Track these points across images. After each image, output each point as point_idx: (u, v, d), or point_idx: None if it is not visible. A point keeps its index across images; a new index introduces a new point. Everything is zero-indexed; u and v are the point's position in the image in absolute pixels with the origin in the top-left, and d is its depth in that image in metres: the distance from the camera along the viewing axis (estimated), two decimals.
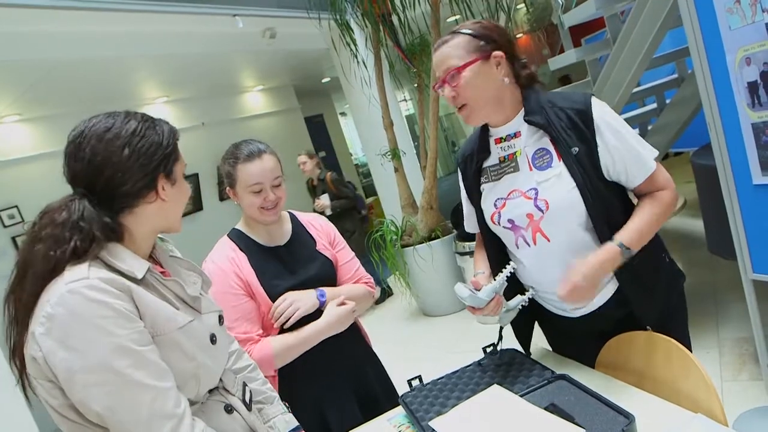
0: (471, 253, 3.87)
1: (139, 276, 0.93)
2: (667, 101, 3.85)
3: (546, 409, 1.13)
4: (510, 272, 1.29)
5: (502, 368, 1.41)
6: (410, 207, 4.47)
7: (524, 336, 1.51)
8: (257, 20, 4.28)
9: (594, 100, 1.25)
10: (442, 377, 1.44)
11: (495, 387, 1.27)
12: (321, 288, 1.53)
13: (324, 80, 8.00)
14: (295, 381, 1.50)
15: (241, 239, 1.55)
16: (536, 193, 1.26)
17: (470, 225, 1.52)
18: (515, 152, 1.31)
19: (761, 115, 1.68)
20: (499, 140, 1.35)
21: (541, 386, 1.24)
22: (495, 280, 1.29)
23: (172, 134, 1.01)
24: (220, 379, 1.09)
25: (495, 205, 1.35)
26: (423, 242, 4.26)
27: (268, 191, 1.49)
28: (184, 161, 1.06)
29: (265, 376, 1.34)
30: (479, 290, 1.27)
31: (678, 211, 3.19)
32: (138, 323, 0.89)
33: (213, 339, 1.04)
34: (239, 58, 5.47)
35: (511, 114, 1.31)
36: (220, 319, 1.12)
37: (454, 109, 1.31)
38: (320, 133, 9.00)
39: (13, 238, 4.44)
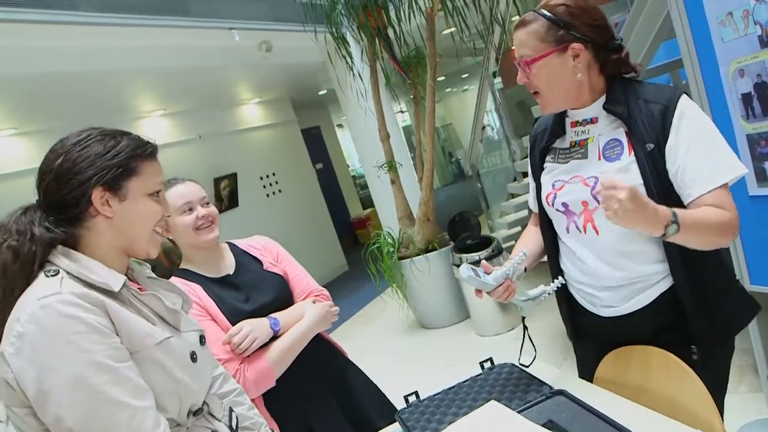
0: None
1: (115, 288, 0.91)
2: None
3: (544, 425, 1.11)
4: (520, 257, 1.27)
5: (499, 383, 1.39)
6: (407, 219, 4.46)
7: (566, 319, 1.45)
8: (253, 33, 4.30)
9: (682, 99, 1.15)
10: (439, 393, 1.42)
11: (492, 403, 1.26)
12: (272, 316, 1.49)
13: (321, 92, 8.02)
14: (277, 400, 1.48)
15: (188, 275, 1.50)
16: (596, 182, 1.21)
17: (530, 200, 1.48)
18: (587, 138, 1.26)
19: (756, 126, 1.68)
20: (575, 123, 1.29)
21: (539, 402, 1.22)
22: (504, 266, 1.25)
23: (132, 149, 0.97)
24: (206, 403, 1.06)
25: (553, 185, 1.31)
26: (420, 254, 4.24)
27: (199, 208, 1.49)
28: (156, 179, 1.01)
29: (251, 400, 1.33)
30: (489, 274, 1.22)
31: None
32: (114, 338, 0.86)
33: (193, 357, 1.01)
34: (235, 71, 5.49)
35: (590, 99, 1.24)
36: (202, 339, 1.09)
37: (450, 120, 1.29)
38: (317, 145, 9.01)
39: None
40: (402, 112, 13.61)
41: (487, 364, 1.49)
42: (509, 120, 5.07)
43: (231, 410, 1.14)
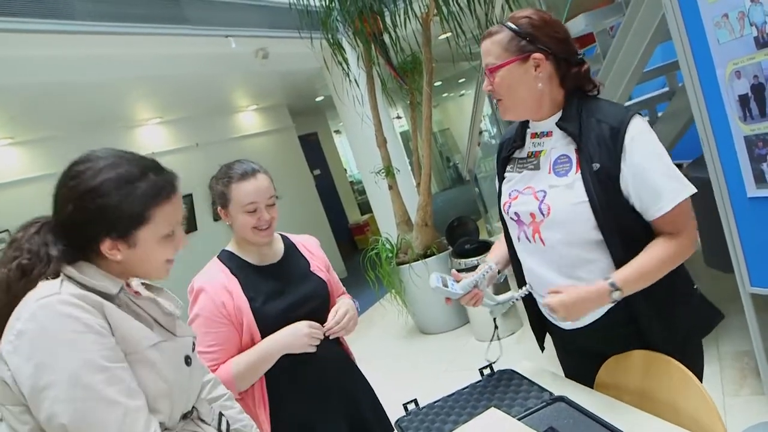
0: (467, 270, 3.84)
1: (114, 291, 0.93)
2: (659, 114, 3.87)
3: None
4: (485, 271, 1.36)
5: (499, 390, 1.38)
6: (405, 224, 4.45)
7: (537, 330, 1.51)
8: (250, 41, 4.29)
9: (634, 121, 1.18)
10: (438, 400, 1.41)
11: (492, 410, 1.24)
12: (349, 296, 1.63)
13: (318, 99, 8.03)
14: (283, 401, 1.47)
15: (232, 260, 1.52)
16: (544, 196, 1.26)
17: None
18: (542, 151, 1.31)
19: (754, 128, 1.68)
20: (534, 135, 1.34)
21: (539, 409, 1.21)
22: (472, 277, 1.34)
23: (148, 198, 0.94)
24: (195, 408, 1.06)
25: (510, 195, 1.36)
26: (418, 260, 4.23)
27: (263, 210, 1.48)
28: (172, 220, 0.99)
29: (250, 399, 1.32)
30: (458, 282, 1.32)
31: None
32: (110, 339, 0.88)
33: (188, 361, 1.02)
34: (232, 79, 5.49)
35: (548, 113, 1.28)
36: (193, 345, 1.10)
37: (447, 125, 1.31)
38: (315, 152, 9.00)
39: None
40: (399, 117, 13.62)
41: (487, 371, 1.47)
42: (506, 124, 5.07)
43: (221, 414, 1.14)
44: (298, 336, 1.42)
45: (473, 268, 1.36)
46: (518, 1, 3.28)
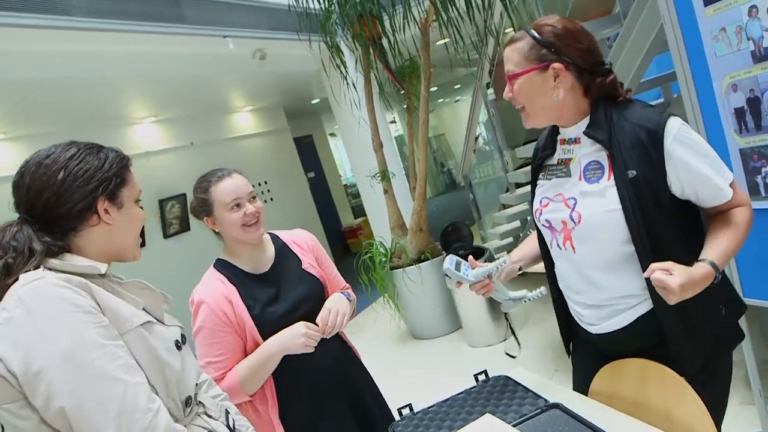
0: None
1: (102, 270, 0.94)
2: None
3: None
4: (500, 263, 1.35)
5: (494, 396, 1.38)
6: (399, 229, 4.45)
7: (566, 336, 1.49)
8: (247, 41, 4.29)
9: (670, 122, 1.15)
10: (433, 405, 1.40)
11: (487, 416, 1.24)
12: (342, 290, 1.63)
13: (314, 101, 8.03)
14: (290, 402, 1.48)
15: (227, 268, 1.52)
16: (575, 204, 1.25)
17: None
18: (571, 158, 1.29)
19: (749, 140, 1.69)
20: (563, 141, 1.33)
21: (534, 416, 1.21)
22: (486, 266, 1.34)
23: (119, 160, 1.03)
24: (201, 403, 1.06)
25: (541, 202, 1.36)
26: (412, 264, 4.23)
27: (247, 204, 1.49)
28: (137, 187, 1.07)
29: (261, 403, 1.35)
30: (473, 269, 1.34)
31: None
32: (101, 317, 0.87)
33: (178, 345, 1.02)
34: (229, 79, 5.47)
35: (576, 118, 1.26)
36: (183, 337, 1.09)
37: (442, 131, 1.31)
38: (309, 154, 9.00)
39: None
40: (394, 122, 13.64)
41: (482, 377, 1.47)
42: (502, 131, 5.10)
43: (227, 411, 1.13)
44: (295, 336, 1.42)
45: (464, 256, 1.38)
46: (517, 8, 3.30)
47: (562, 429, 1.14)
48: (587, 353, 1.45)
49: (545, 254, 1.42)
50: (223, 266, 1.53)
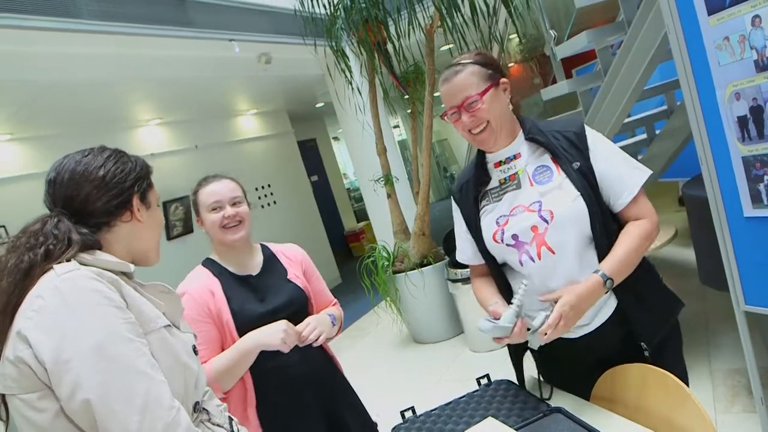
0: (463, 280, 3.86)
1: (131, 269, 0.98)
2: (657, 132, 3.91)
3: None
4: (524, 289, 1.22)
5: (496, 400, 1.39)
6: (402, 233, 4.46)
7: (517, 364, 1.48)
8: (253, 45, 4.32)
9: (586, 126, 1.34)
10: (435, 409, 1.41)
11: (490, 420, 1.25)
12: (327, 311, 1.62)
13: (318, 105, 8.05)
14: (268, 400, 1.49)
15: (213, 266, 1.58)
16: (540, 205, 1.29)
17: (465, 255, 1.50)
18: (516, 172, 1.35)
19: (751, 149, 1.70)
20: (499, 164, 1.39)
21: (536, 420, 1.22)
22: (513, 304, 1.22)
23: (146, 165, 1.12)
24: (207, 410, 1.06)
25: (497, 222, 1.35)
26: (415, 269, 4.24)
27: (227, 207, 1.54)
28: (157, 193, 1.14)
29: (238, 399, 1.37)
30: (498, 319, 1.21)
31: (669, 241, 3.21)
32: (129, 314, 0.90)
33: (195, 350, 1.06)
34: (234, 83, 5.50)
35: (510, 137, 1.37)
36: (194, 346, 1.11)
37: (445, 136, 1.34)
38: (313, 158, 9.03)
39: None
40: (398, 126, 13.67)
41: (484, 381, 1.48)
42: None
43: (231, 419, 1.14)
44: (276, 331, 1.41)
45: (468, 278, 1.35)
46: (521, 15, 3.32)
47: None
48: (567, 364, 1.43)
49: (506, 286, 1.40)
50: (209, 264, 1.59)
